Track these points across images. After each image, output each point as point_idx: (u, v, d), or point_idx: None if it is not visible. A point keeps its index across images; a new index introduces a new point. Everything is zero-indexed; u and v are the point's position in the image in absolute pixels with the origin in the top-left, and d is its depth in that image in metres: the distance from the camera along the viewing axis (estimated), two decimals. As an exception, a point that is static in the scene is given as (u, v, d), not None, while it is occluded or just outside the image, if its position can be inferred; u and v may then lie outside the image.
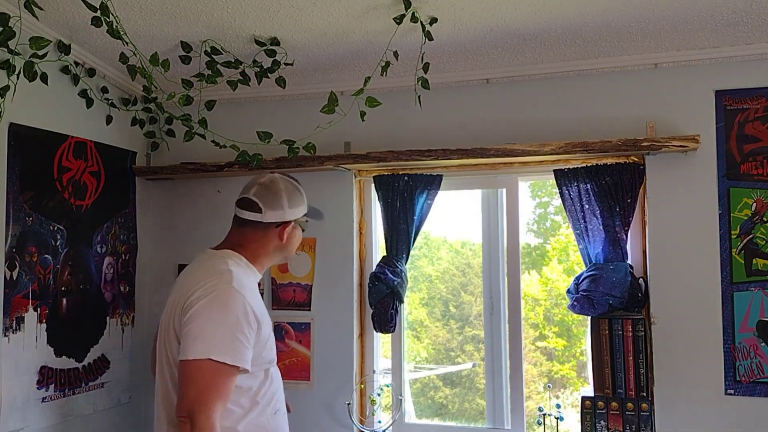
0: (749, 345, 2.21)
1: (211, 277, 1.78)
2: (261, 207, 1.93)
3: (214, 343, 1.67)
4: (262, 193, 1.94)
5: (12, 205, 2.15)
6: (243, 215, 1.94)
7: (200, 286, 1.75)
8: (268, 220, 1.93)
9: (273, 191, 1.95)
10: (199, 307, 1.70)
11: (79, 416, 2.41)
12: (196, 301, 1.71)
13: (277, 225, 1.95)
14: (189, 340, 1.67)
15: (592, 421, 2.25)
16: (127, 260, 2.69)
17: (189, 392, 1.64)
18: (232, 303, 1.73)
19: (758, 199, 2.22)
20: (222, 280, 1.77)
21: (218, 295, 1.73)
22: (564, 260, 4.76)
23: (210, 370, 1.66)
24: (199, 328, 1.68)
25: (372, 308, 2.50)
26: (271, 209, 1.93)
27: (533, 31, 2.18)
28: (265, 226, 1.94)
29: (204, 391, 1.64)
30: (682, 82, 2.31)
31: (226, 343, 1.69)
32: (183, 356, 1.67)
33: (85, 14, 2.07)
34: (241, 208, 1.95)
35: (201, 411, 1.64)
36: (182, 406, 1.64)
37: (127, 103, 2.66)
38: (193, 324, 1.69)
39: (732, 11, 2.02)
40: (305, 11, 2.11)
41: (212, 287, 1.74)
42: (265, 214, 1.93)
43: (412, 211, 2.50)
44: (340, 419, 2.56)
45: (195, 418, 1.62)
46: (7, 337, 2.11)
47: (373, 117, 2.39)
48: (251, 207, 1.93)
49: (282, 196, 1.95)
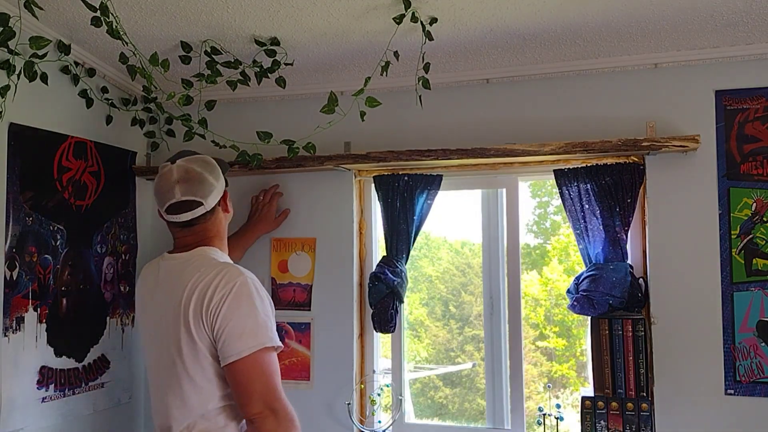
0: (749, 345, 2.21)
1: (218, 273, 1.78)
2: (200, 201, 1.89)
3: (259, 332, 1.72)
4: (190, 188, 1.88)
5: (12, 205, 2.15)
6: (184, 218, 1.89)
7: (215, 285, 1.75)
8: (212, 205, 1.92)
9: (197, 179, 1.90)
10: (228, 305, 1.72)
11: (79, 416, 2.41)
12: (223, 302, 1.72)
13: (218, 203, 1.96)
14: (234, 339, 1.70)
15: (592, 421, 2.25)
16: (127, 260, 2.69)
17: (256, 386, 1.68)
18: (253, 291, 1.78)
19: (758, 199, 2.22)
20: (232, 273, 1.79)
21: (240, 288, 1.75)
22: (564, 260, 4.77)
23: (266, 358, 1.71)
24: (240, 324, 1.71)
25: (372, 308, 2.50)
26: (208, 195, 1.90)
27: (533, 31, 2.18)
28: (212, 212, 1.93)
29: (269, 380, 1.70)
30: (682, 82, 2.30)
31: (268, 328, 1.75)
32: (236, 356, 1.69)
33: (85, 14, 2.07)
34: (176, 213, 1.89)
35: (276, 398, 1.70)
36: (255, 403, 1.67)
37: (127, 103, 2.66)
38: (232, 323, 1.71)
39: (732, 11, 2.02)
40: (305, 11, 2.11)
41: (228, 281, 1.76)
42: (207, 203, 1.90)
43: (412, 211, 2.50)
44: (340, 419, 2.56)
45: (274, 406, 1.68)
46: (7, 337, 2.11)
47: (373, 117, 2.39)
48: (189, 207, 1.88)
49: (206, 176, 1.91)
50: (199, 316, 1.74)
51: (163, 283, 1.89)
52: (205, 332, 1.74)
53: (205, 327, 1.74)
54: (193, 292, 1.76)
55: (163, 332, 1.83)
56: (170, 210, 1.90)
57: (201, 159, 1.96)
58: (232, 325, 1.70)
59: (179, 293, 1.78)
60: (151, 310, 1.93)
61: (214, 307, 1.72)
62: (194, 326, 1.74)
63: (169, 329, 1.80)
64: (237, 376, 1.70)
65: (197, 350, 1.75)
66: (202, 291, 1.75)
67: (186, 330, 1.75)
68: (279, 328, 2.63)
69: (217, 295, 1.73)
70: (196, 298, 1.75)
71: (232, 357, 1.69)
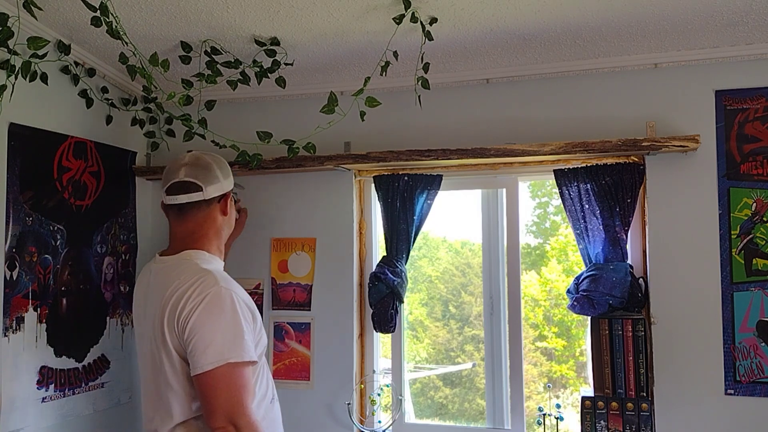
0: (749, 345, 2.21)
1: (194, 282, 1.72)
2: (200, 185, 1.85)
3: (225, 346, 1.66)
4: (194, 171, 1.85)
5: (12, 205, 2.15)
6: (180, 200, 1.85)
7: (188, 295, 1.70)
8: (210, 195, 1.87)
9: (204, 166, 1.87)
10: (197, 317, 1.67)
11: (79, 416, 2.41)
12: (192, 312, 1.67)
13: (219, 199, 1.91)
14: (199, 352, 1.65)
15: (592, 421, 2.25)
16: (127, 260, 2.69)
17: (219, 401, 1.63)
18: (227, 302, 1.71)
19: (758, 199, 2.22)
20: (207, 282, 1.72)
21: (211, 299, 1.69)
22: (563, 260, 4.76)
23: (231, 373, 1.65)
24: (207, 338, 1.66)
25: (372, 308, 2.50)
26: (210, 183, 1.86)
27: (533, 31, 2.18)
28: (208, 204, 1.88)
29: (234, 395, 1.64)
30: (682, 82, 2.31)
31: (236, 342, 1.67)
32: (200, 369, 1.65)
33: (84, 14, 2.07)
34: (176, 194, 1.85)
35: (240, 414, 1.64)
36: (218, 417, 1.63)
37: (127, 103, 2.66)
38: (198, 335, 1.66)
39: (732, 11, 2.03)
40: (305, 11, 2.11)
41: (201, 292, 1.70)
42: (206, 191, 1.85)
43: (412, 211, 2.50)
44: (340, 419, 2.56)
45: (237, 422, 1.63)
46: (7, 337, 2.11)
47: (373, 117, 2.39)
48: (188, 188, 1.84)
49: (214, 167, 1.89)
50: (172, 325, 1.70)
51: (152, 287, 1.85)
52: (177, 340, 1.71)
53: (177, 335, 1.71)
54: (170, 299, 1.72)
55: (149, 337, 1.81)
56: (170, 190, 1.87)
57: (215, 156, 1.95)
58: (199, 337, 1.66)
59: (160, 300, 1.75)
60: (142, 314, 1.91)
61: (185, 317, 1.68)
62: (168, 334, 1.72)
63: (152, 334, 1.79)
64: (201, 388, 1.66)
65: (172, 358, 1.73)
66: (177, 299, 1.71)
67: (162, 337, 1.73)
68: (279, 328, 2.64)
69: (189, 305, 1.69)
70: (171, 306, 1.71)
71: (197, 370, 1.65)
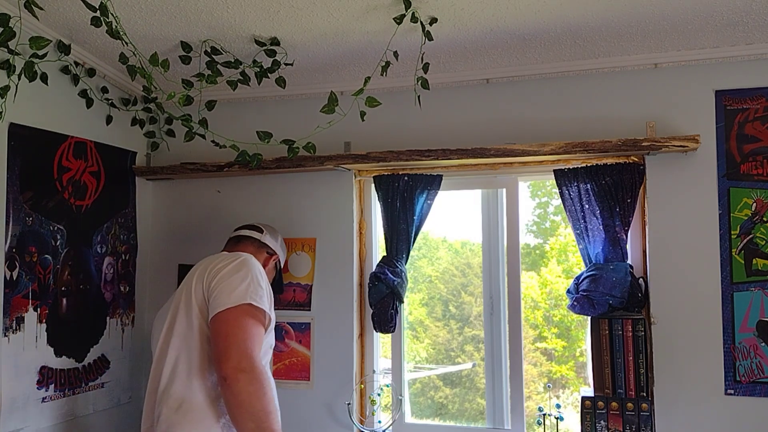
0: (749, 345, 2.21)
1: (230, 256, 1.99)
2: (262, 229, 2.30)
3: (248, 292, 1.84)
4: (265, 225, 2.34)
5: (12, 205, 2.15)
6: (242, 233, 2.28)
7: (222, 261, 1.95)
8: (264, 240, 2.28)
9: (273, 229, 2.38)
10: (227, 271, 1.89)
11: (79, 416, 2.41)
12: (223, 268, 1.90)
13: (269, 252, 2.29)
14: (224, 295, 1.83)
15: (592, 421, 2.25)
16: (127, 260, 2.69)
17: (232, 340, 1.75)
18: (255, 266, 1.95)
19: (758, 199, 2.22)
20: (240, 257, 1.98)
21: (241, 261, 1.93)
22: (563, 261, 4.76)
23: (249, 313, 1.81)
24: (232, 285, 1.85)
25: (372, 308, 2.50)
26: (270, 235, 2.31)
27: (533, 31, 2.18)
28: (260, 245, 2.26)
29: (247, 338, 1.77)
30: (682, 82, 2.31)
31: (258, 293, 1.86)
32: (222, 307, 1.80)
33: (85, 14, 2.07)
34: (241, 229, 2.31)
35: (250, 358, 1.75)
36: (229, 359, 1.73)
37: (127, 103, 2.66)
38: (224, 283, 1.86)
39: (732, 11, 2.03)
40: (305, 11, 2.11)
41: (233, 258, 1.95)
42: (264, 236, 2.28)
43: (412, 211, 2.50)
44: (340, 419, 2.56)
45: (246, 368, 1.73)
46: (7, 337, 2.11)
47: (373, 117, 2.39)
48: (252, 228, 2.30)
49: (278, 235, 2.38)
50: (201, 279, 1.91)
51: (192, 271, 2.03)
52: (202, 293, 1.89)
53: (204, 287, 1.89)
54: (206, 268, 1.95)
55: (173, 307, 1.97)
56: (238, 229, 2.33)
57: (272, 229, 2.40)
58: (225, 284, 1.85)
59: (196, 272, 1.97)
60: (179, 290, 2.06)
61: (216, 272, 1.89)
62: (195, 289, 1.90)
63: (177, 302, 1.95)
64: (218, 326, 1.79)
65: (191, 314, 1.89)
66: (212, 265, 1.95)
67: (188, 295, 1.91)
68: (279, 328, 2.64)
69: (220, 264, 1.93)
70: (204, 269, 1.95)
71: (218, 308, 1.81)
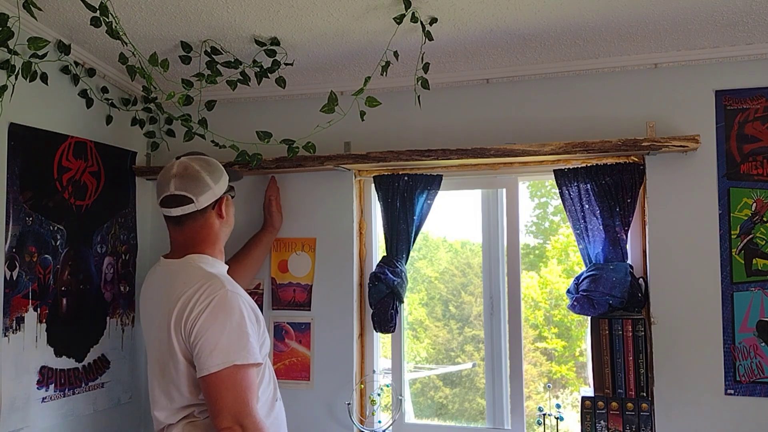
0: (749, 345, 2.21)
1: (201, 286, 1.78)
2: (190, 197, 1.90)
3: (231, 348, 1.71)
4: (184, 183, 1.90)
5: (12, 205, 2.15)
6: (174, 213, 1.92)
7: (195, 299, 1.75)
8: (203, 205, 1.92)
9: (193, 176, 1.91)
10: (204, 320, 1.72)
11: (79, 416, 2.41)
12: (199, 316, 1.73)
13: (213, 206, 1.95)
14: (206, 354, 1.70)
15: (592, 421, 2.25)
16: (127, 260, 2.69)
17: (225, 401, 1.67)
18: (233, 306, 1.77)
19: (758, 199, 2.22)
20: (214, 286, 1.78)
21: (218, 302, 1.75)
22: (563, 260, 4.77)
23: (237, 374, 1.70)
24: (213, 340, 1.71)
25: (372, 308, 2.50)
26: (201, 193, 1.91)
27: (533, 31, 2.18)
28: (203, 213, 1.93)
29: (240, 395, 1.69)
30: (682, 82, 2.31)
31: (241, 345, 1.73)
32: (206, 371, 1.70)
33: (84, 14, 2.07)
34: (170, 207, 1.92)
35: (246, 414, 1.69)
36: (224, 418, 1.67)
37: (127, 103, 2.66)
38: (204, 338, 1.71)
39: (732, 11, 2.03)
40: (305, 11, 2.11)
41: (208, 296, 1.76)
42: (198, 201, 1.91)
43: (412, 211, 2.50)
44: (340, 419, 2.56)
45: (243, 422, 1.68)
46: (7, 337, 2.11)
47: (373, 117, 2.39)
48: (180, 201, 1.90)
49: (203, 175, 1.92)
50: (179, 328, 1.76)
51: (159, 290, 1.92)
52: (183, 344, 1.77)
53: (184, 339, 1.76)
54: (177, 303, 1.78)
55: (154, 338, 1.88)
56: (164, 203, 1.94)
57: (204, 159, 1.98)
58: (205, 339, 1.71)
59: (167, 304, 1.81)
60: (148, 317, 1.98)
61: (192, 321, 1.73)
62: (175, 338, 1.77)
63: (158, 338, 1.84)
64: (208, 390, 1.72)
65: (178, 362, 1.79)
66: (184, 303, 1.76)
67: (169, 341, 1.78)
68: (279, 328, 2.64)
69: (196, 309, 1.74)
70: (178, 310, 1.77)
71: (203, 371, 1.71)
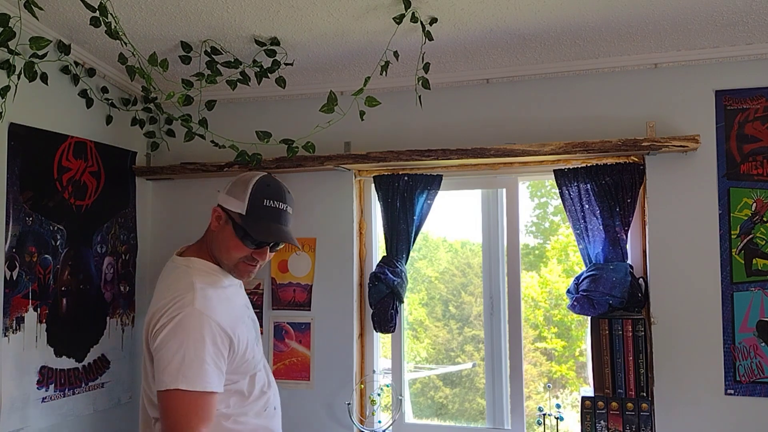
0: (749, 345, 2.21)
1: (174, 298, 1.69)
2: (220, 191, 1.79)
3: (182, 372, 1.61)
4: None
5: (12, 205, 2.15)
6: None
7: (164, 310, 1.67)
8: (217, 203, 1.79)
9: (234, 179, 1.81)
10: (164, 335, 1.64)
11: (79, 416, 2.41)
12: (162, 329, 1.65)
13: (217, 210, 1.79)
14: (159, 370, 1.64)
15: (592, 421, 2.25)
16: (127, 260, 2.69)
17: (168, 421, 1.61)
18: (196, 326, 1.65)
19: (758, 199, 2.22)
20: (184, 302, 1.67)
21: (181, 320, 1.65)
22: (563, 260, 4.76)
23: (181, 399, 1.61)
24: (166, 358, 1.62)
25: (372, 308, 2.50)
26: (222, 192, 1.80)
27: (533, 31, 2.18)
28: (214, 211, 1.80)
29: (180, 421, 1.61)
30: (682, 82, 2.31)
31: (193, 371, 1.62)
32: (156, 387, 1.65)
33: (84, 14, 2.07)
34: None
35: None
36: None
37: (127, 103, 2.66)
38: (160, 353, 1.64)
39: (732, 11, 2.03)
40: (305, 11, 2.11)
41: (176, 310, 1.66)
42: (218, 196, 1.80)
43: (412, 211, 2.50)
44: (340, 419, 2.56)
45: None
46: (7, 337, 2.11)
47: (373, 117, 2.39)
48: None
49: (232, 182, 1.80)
50: (149, 335, 1.71)
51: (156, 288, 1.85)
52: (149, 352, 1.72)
53: (149, 348, 1.72)
54: (151, 310, 1.73)
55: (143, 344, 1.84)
56: None
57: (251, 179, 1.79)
58: (161, 355, 1.64)
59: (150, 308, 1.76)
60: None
61: (156, 333, 1.66)
62: (145, 344, 1.74)
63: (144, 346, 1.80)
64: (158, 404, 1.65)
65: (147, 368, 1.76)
66: (155, 313, 1.70)
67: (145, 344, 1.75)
68: (279, 328, 2.64)
69: (161, 321, 1.66)
70: (150, 317, 1.72)
71: (155, 386, 1.66)
